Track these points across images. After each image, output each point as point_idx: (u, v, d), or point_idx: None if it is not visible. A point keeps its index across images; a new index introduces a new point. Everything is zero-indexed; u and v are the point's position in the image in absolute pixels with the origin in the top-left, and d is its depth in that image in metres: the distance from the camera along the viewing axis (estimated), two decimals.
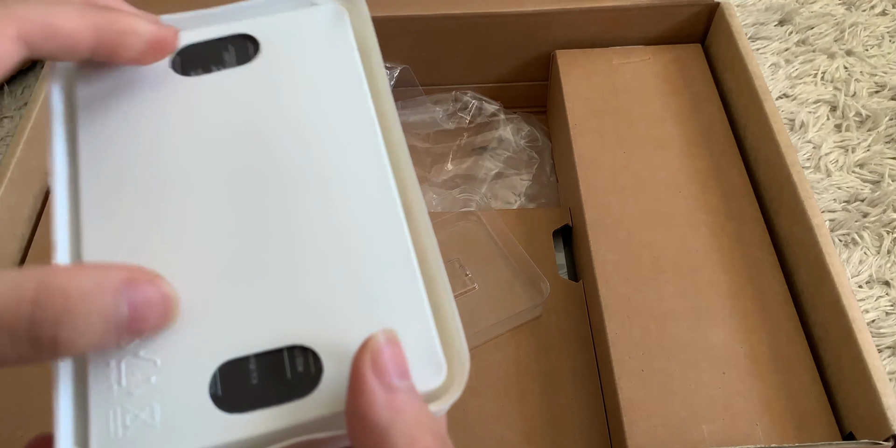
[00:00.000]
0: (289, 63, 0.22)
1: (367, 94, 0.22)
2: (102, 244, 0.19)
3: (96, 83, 0.22)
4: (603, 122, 0.46)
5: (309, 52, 0.22)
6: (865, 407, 0.33)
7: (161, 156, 0.20)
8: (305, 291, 0.19)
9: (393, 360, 0.18)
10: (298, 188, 0.20)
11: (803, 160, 0.54)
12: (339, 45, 0.23)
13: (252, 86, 0.22)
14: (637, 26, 0.51)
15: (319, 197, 0.20)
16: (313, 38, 0.23)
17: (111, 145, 0.21)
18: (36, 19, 0.19)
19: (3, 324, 0.16)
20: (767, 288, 0.39)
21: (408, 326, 0.19)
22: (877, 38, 0.62)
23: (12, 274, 0.17)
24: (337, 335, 0.19)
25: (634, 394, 0.35)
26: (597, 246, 0.41)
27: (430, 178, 0.52)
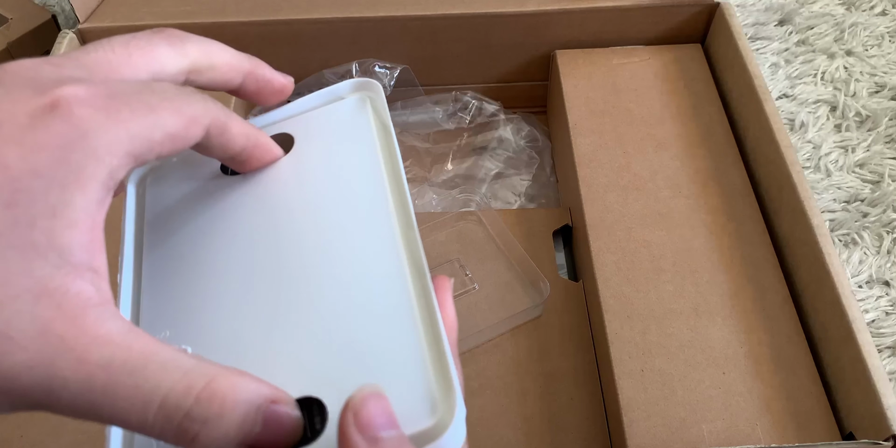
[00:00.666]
0: (317, 154, 0.26)
1: (383, 173, 0.25)
2: (156, 313, 0.23)
3: (163, 183, 0.26)
4: (603, 122, 0.46)
5: (334, 141, 0.26)
6: (865, 407, 0.33)
7: (207, 244, 0.24)
8: (312, 349, 0.21)
9: (376, 413, 0.19)
10: (317, 268, 0.23)
11: (803, 160, 0.54)
12: (360, 131, 0.26)
13: (284, 178, 0.25)
14: (637, 26, 0.51)
15: (336, 275, 0.23)
16: (338, 129, 0.26)
17: (171, 236, 0.25)
18: (221, 118, 0.22)
19: (166, 409, 0.17)
20: (767, 288, 0.39)
21: (403, 374, 0.21)
22: (877, 39, 0.62)
23: (190, 363, 0.18)
24: (341, 387, 0.20)
25: (634, 394, 0.35)
26: (597, 246, 0.41)
27: (430, 178, 0.52)
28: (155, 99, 0.20)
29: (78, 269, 0.18)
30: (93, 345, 0.17)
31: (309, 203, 0.24)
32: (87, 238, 0.18)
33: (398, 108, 0.53)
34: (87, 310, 0.18)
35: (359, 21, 0.49)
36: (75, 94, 0.19)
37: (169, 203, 0.26)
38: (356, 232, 0.23)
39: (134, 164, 0.20)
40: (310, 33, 0.50)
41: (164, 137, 0.20)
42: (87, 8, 0.50)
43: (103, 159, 0.19)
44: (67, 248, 0.18)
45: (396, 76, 0.51)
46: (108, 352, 0.17)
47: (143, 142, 0.20)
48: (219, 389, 0.18)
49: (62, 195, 0.18)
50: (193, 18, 0.49)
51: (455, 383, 0.20)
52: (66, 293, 0.18)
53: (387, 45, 0.51)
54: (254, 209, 0.25)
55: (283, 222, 0.24)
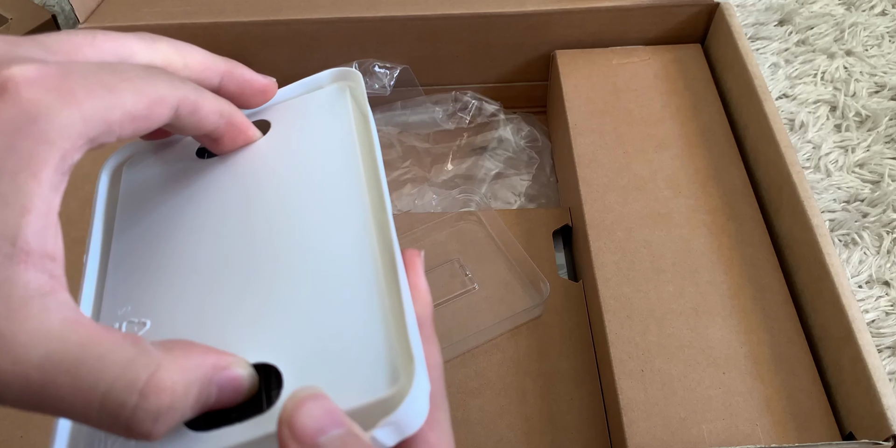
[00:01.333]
0: (293, 140, 0.26)
1: (358, 158, 0.25)
2: (120, 290, 0.23)
3: (138, 168, 0.26)
4: (603, 122, 0.46)
5: (311, 127, 0.26)
6: (865, 407, 0.33)
7: (177, 224, 0.24)
8: (273, 319, 0.21)
9: (311, 418, 0.18)
10: (285, 245, 0.23)
11: (803, 160, 0.54)
12: (338, 119, 0.26)
13: (258, 161, 0.25)
14: (637, 26, 0.51)
15: (303, 251, 0.23)
16: (316, 116, 0.26)
17: (142, 217, 0.25)
18: (190, 98, 0.22)
19: (109, 407, 0.17)
20: (767, 288, 0.39)
21: (362, 344, 0.20)
22: (876, 38, 0.62)
23: (131, 353, 0.17)
24: (298, 351, 0.20)
25: (634, 394, 0.35)
26: (597, 246, 0.41)
27: (430, 178, 0.52)
28: (115, 79, 0.19)
29: (31, 256, 0.17)
30: (30, 342, 0.17)
31: (281, 185, 0.24)
32: (41, 224, 0.18)
33: (398, 108, 0.53)
34: (32, 301, 0.17)
35: (359, 21, 0.49)
36: (24, 74, 0.18)
37: (142, 186, 0.26)
38: (326, 213, 0.23)
39: (91, 146, 0.19)
40: (310, 33, 0.50)
41: (124, 118, 0.19)
42: (86, 8, 0.50)
43: (55, 143, 0.18)
44: (21, 236, 0.17)
45: (396, 76, 0.51)
46: (44, 348, 0.17)
47: (99, 123, 0.19)
48: (166, 379, 0.17)
49: (13, 183, 0.17)
50: (193, 18, 0.49)
51: (417, 355, 0.19)
52: (13, 285, 0.17)
53: (387, 45, 0.51)
54: (226, 191, 0.25)
55: (255, 203, 0.24)
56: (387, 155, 0.52)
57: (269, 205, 0.24)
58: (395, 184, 0.51)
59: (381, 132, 0.53)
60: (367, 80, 0.51)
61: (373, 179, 0.24)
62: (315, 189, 0.24)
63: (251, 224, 0.24)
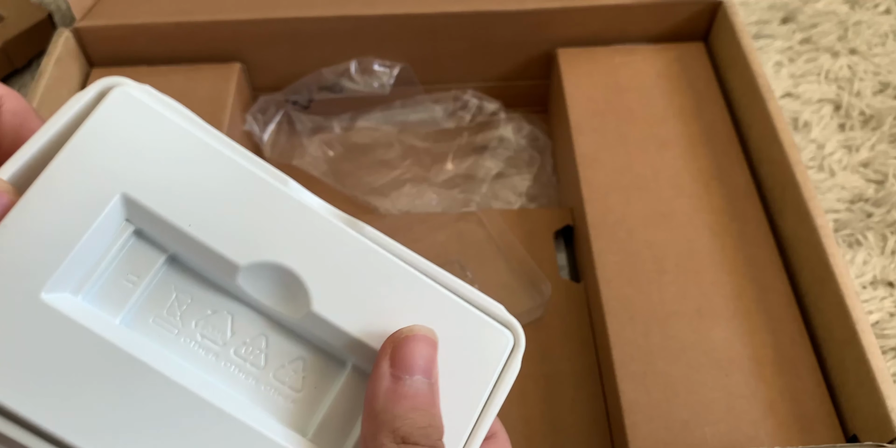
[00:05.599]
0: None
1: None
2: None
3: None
4: (605, 121, 0.46)
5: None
6: (869, 409, 0.33)
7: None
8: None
9: (413, 354, 0.19)
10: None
11: (807, 160, 0.54)
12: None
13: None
14: (639, 24, 0.50)
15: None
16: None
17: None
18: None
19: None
20: (771, 289, 0.38)
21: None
22: (881, 37, 0.62)
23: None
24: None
25: (636, 396, 0.35)
26: (598, 246, 0.40)
27: (430, 178, 0.51)
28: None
29: None
30: None
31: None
32: None
33: (397, 107, 0.53)
34: None
35: (358, 19, 0.49)
36: None
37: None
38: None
39: None
40: (308, 31, 0.50)
41: None
42: (83, 6, 0.50)
43: None
44: None
45: (396, 75, 0.51)
46: None
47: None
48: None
49: None
50: (190, 17, 0.49)
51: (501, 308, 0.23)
52: None
53: (386, 43, 0.51)
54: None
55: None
56: (386, 154, 0.52)
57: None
58: (395, 183, 0.51)
59: (380, 131, 0.53)
60: (367, 78, 0.50)
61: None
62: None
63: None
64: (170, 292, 0.21)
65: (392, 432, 0.18)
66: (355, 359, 0.21)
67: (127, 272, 0.21)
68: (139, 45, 0.50)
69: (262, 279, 0.21)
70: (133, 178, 0.20)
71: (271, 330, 0.21)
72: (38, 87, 0.45)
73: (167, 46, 0.50)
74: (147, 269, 0.21)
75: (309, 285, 0.21)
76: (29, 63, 0.60)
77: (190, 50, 0.50)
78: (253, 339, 0.21)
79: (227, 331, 0.21)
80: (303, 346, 0.21)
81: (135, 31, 0.49)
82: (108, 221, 0.20)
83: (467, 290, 0.22)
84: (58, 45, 0.47)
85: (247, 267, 0.20)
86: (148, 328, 0.21)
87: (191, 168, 0.21)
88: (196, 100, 0.48)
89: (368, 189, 0.50)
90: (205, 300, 0.21)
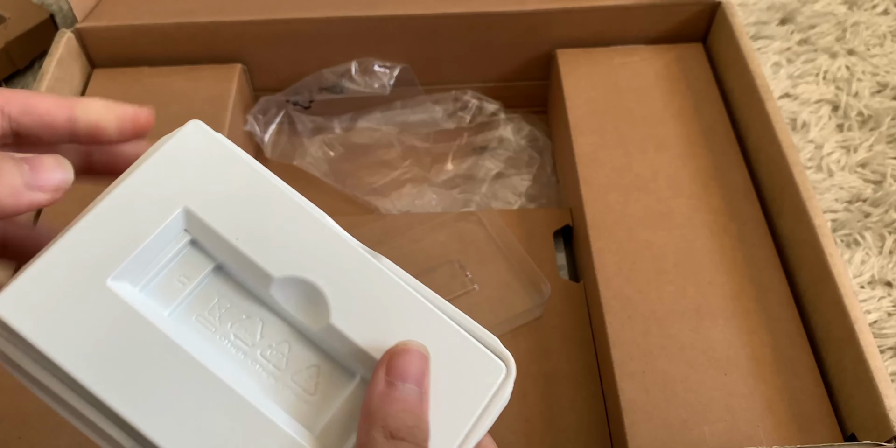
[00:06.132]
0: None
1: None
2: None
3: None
4: (604, 122, 0.46)
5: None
6: (867, 408, 0.33)
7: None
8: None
9: (407, 365, 0.22)
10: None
11: (805, 160, 0.54)
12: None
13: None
14: (638, 25, 0.50)
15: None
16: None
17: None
18: (16, 97, 0.23)
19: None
20: (769, 288, 0.39)
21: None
22: (879, 38, 0.62)
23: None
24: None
25: (635, 395, 0.35)
26: (598, 246, 0.40)
27: (430, 178, 0.52)
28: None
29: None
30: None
31: None
32: None
33: (398, 108, 0.53)
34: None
35: (358, 20, 0.49)
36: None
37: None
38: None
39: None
40: (309, 32, 0.50)
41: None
42: (85, 7, 0.50)
43: None
44: None
45: (396, 75, 0.51)
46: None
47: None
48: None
49: None
50: (192, 18, 0.49)
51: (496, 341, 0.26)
52: None
53: (386, 44, 0.51)
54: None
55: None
56: (387, 155, 0.52)
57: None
58: (395, 184, 0.51)
59: (380, 132, 0.53)
60: (367, 79, 0.51)
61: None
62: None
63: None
64: (213, 296, 0.24)
65: (383, 427, 0.21)
66: (363, 371, 0.24)
67: (180, 274, 0.24)
68: (141, 45, 0.50)
69: (292, 291, 0.24)
70: (195, 195, 0.24)
71: (294, 338, 0.24)
72: (39, 87, 0.45)
73: (169, 47, 0.50)
74: (197, 273, 0.24)
75: (330, 300, 0.23)
76: (31, 64, 0.60)
77: (191, 51, 0.50)
78: (278, 344, 0.24)
79: (256, 334, 0.24)
80: (320, 355, 0.24)
81: (136, 31, 0.49)
82: (170, 229, 0.23)
83: (468, 321, 0.25)
84: (59, 45, 0.47)
85: (279, 279, 0.24)
86: (190, 324, 0.24)
87: (244, 192, 0.24)
88: (197, 100, 0.48)
89: (369, 189, 0.51)
90: (241, 306, 0.24)
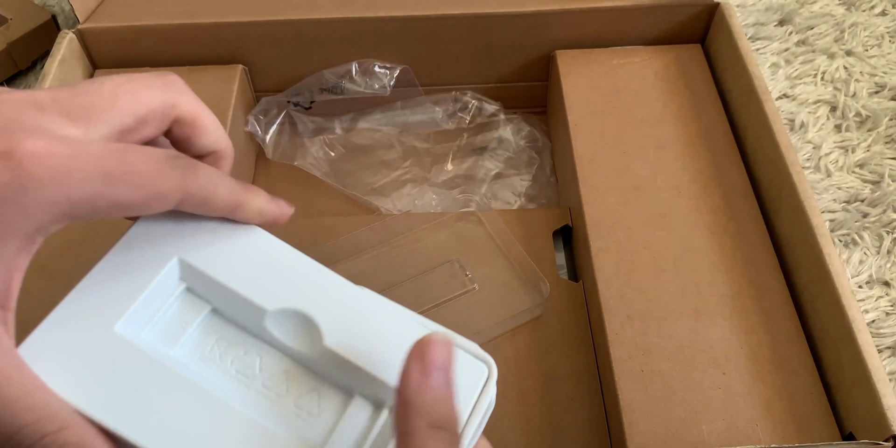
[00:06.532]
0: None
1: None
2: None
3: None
4: (603, 123, 0.46)
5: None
6: (865, 407, 0.33)
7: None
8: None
9: (437, 354, 0.22)
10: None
11: (803, 160, 0.54)
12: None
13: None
14: (637, 26, 0.51)
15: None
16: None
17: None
18: (200, 193, 0.23)
19: (11, 444, 0.19)
20: (767, 288, 0.39)
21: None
22: (877, 39, 0.62)
23: (56, 409, 0.21)
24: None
25: (634, 394, 0.35)
26: (597, 246, 0.41)
27: (430, 179, 0.52)
28: (119, 169, 0.21)
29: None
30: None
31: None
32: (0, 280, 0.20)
33: (398, 108, 0.53)
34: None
35: (358, 21, 0.49)
36: (33, 149, 0.20)
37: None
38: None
39: (74, 220, 0.21)
40: (309, 33, 0.50)
41: (111, 206, 0.21)
42: (86, 8, 0.50)
43: (34, 216, 0.20)
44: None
45: (396, 76, 0.51)
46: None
47: (85, 206, 0.20)
48: (70, 441, 0.20)
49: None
50: (194, 18, 0.49)
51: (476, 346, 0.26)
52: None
53: (386, 46, 0.51)
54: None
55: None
56: (387, 155, 0.52)
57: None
58: (395, 184, 0.51)
59: (380, 132, 0.53)
60: (368, 80, 0.51)
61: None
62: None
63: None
64: (211, 336, 0.26)
65: (424, 417, 0.21)
66: (360, 387, 0.25)
67: (180, 319, 0.26)
68: (142, 46, 0.50)
69: (285, 322, 0.25)
70: (186, 246, 0.25)
71: (293, 366, 0.26)
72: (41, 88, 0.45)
73: (170, 48, 0.50)
74: (195, 317, 0.26)
75: (321, 325, 0.25)
76: (33, 65, 0.60)
77: (193, 52, 0.50)
78: (276, 373, 0.25)
79: (256, 367, 0.25)
80: (318, 379, 0.26)
81: (138, 32, 0.49)
82: (166, 278, 0.25)
83: (448, 331, 0.26)
84: (61, 46, 0.48)
85: (272, 312, 0.25)
86: (194, 363, 0.25)
87: (230, 240, 0.26)
88: None
89: (369, 189, 0.51)
90: (239, 343, 0.26)
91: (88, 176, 0.20)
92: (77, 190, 0.20)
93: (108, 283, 0.24)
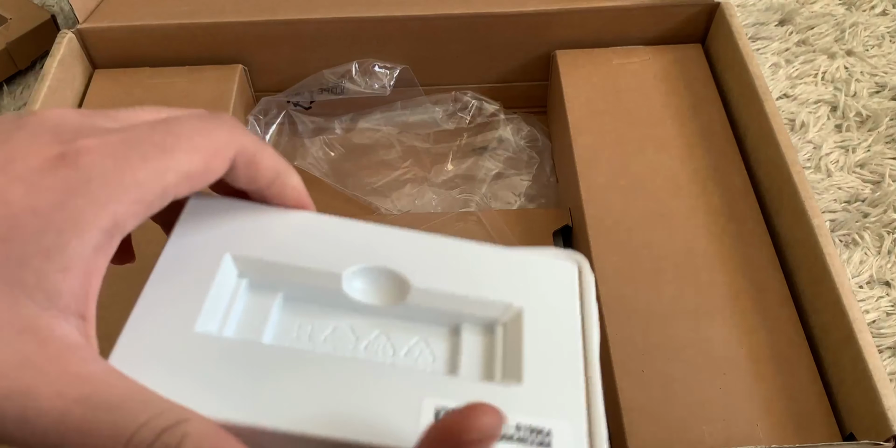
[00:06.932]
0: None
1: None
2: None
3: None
4: (603, 123, 0.46)
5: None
6: (866, 407, 0.33)
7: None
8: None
9: (491, 426, 0.19)
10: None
11: (803, 160, 0.54)
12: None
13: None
14: (637, 26, 0.51)
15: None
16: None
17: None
18: (249, 149, 0.22)
19: (134, 444, 0.18)
20: (768, 288, 0.39)
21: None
22: (877, 39, 0.62)
23: (166, 404, 0.19)
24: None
25: (634, 395, 0.35)
26: (597, 247, 0.41)
27: (430, 179, 0.52)
28: (170, 139, 0.20)
29: (65, 313, 0.18)
30: (74, 382, 0.18)
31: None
32: (78, 283, 0.19)
33: (398, 108, 0.53)
34: (70, 351, 0.18)
35: (358, 21, 0.49)
36: (87, 144, 0.19)
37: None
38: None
39: (148, 210, 0.20)
40: (309, 33, 0.50)
41: (179, 179, 0.20)
42: (86, 8, 0.50)
43: (106, 207, 0.19)
44: (56, 292, 0.18)
45: (396, 76, 0.51)
46: (87, 389, 0.18)
47: (155, 187, 0.20)
48: (192, 431, 0.19)
49: (58, 239, 0.18)
50: (193, 18, 0.49)
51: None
52: (50, 333, 0.18)
53: (386, 45, 0.51)
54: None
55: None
56: (387, 155, 0.52)
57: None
58: (394, 184, 0.51)
59: (380, 132, 0.53)
60: (367, 80, 0.51)
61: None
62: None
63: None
64: (294, 323, 0.25)
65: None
66: (464, 317, 0.24)
67: (255, 314, 0.24)
68: (142, 46, 0.50)
69: (364, 280, 0.25)
70: (234, 242, 0.24)
71: (385, 326, 0.25)
72: (41, 88, 0.45)
73: (170, 48, 0.50)
74: (269, 307, 0.24)
75: (403, 271, 0.24)
76: (32, 65, 0.60)
77: (192, 52, 0.50)
78: (373, 339, 0.24)
79: (350, 340, 0.24)
80: (415, 329, 0.25)
81: (137, 32, 0.49)
82: (224, 276, 0.24)
83: (524, 249, 0.26)
84: (61, 46, 0.48)
85: (348, 274, 0.24)
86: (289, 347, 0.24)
87: (271, 223, 0.25)
88: (198, 101, 0.48)
89: (369, 189, 0.51)
90: (325, 320, 0.25)
91: (146, 153, 0.20)
92: (141, 169, 0.20)
93: (167, 296, 0.23)
